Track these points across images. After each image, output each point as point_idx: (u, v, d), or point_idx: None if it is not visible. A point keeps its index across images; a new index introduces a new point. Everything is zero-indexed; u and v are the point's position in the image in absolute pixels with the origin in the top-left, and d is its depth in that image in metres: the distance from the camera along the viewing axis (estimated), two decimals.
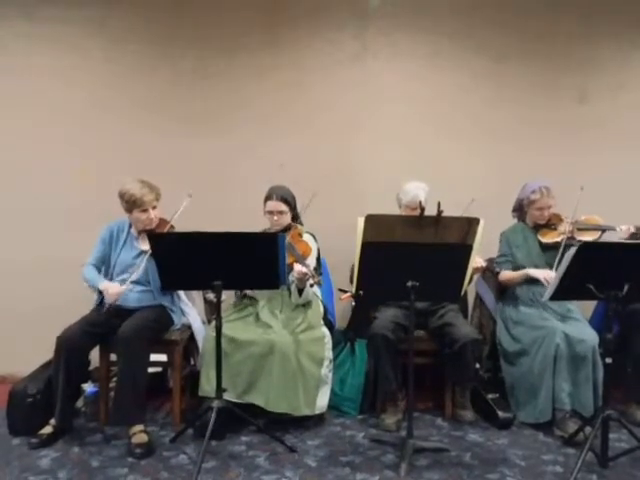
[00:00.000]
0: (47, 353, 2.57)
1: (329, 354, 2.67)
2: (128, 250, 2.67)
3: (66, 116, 3.37)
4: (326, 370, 2.63)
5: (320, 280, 2.46)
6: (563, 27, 3.51)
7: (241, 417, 2.42)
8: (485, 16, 3.48)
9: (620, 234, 2.76)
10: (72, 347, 2.40)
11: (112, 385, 2.64)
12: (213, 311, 2.59)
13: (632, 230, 2.78)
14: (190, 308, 2.78)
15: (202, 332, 2.72)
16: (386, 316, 2.70)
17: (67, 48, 3.39)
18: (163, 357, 2.69)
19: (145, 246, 2.52)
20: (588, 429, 2.34)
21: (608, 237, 2.82)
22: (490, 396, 2.76)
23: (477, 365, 2.85)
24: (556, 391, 2.57)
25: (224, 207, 3.23)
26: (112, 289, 2.50)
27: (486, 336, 2.96)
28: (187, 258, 2.23)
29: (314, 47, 3.46)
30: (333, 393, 2.72)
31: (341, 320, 3.15)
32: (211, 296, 2.74)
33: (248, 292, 2.83)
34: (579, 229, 2.82)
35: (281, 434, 2.49)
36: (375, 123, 3.46)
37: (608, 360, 2.30)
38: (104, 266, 2.69)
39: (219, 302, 2.30)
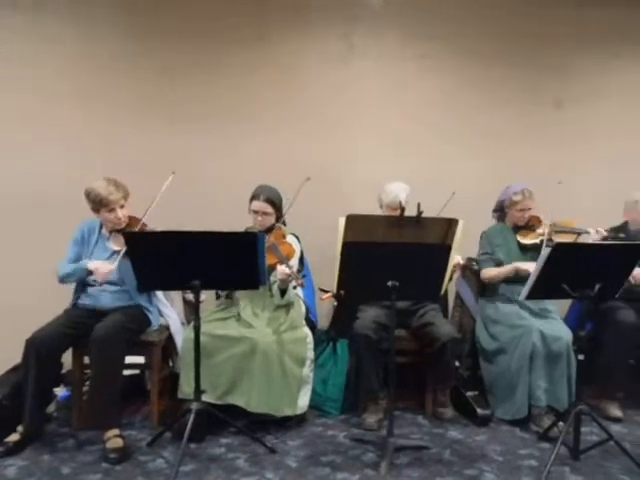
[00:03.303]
0: (14, 356, 2.47)
1: (311, 354, 2.66)
2: (100, 251, 2.60)
3: (44, 111, 3.27)
4: (308, 370, 2.62)
5: (303, 282, 2.45)
6: (544, 35, 3.60)
7: (221, 419, 2.39)
8: (471, 22, 3.55)
9: (594, 236, 2.84)
10: (43, 350, 2.31)
11: (85, 389, 2.57)
12: (193, 311, 2.55)
13: (604, 234, 2.86)
14: (168, 308, 2.73)
15: (181, 333, 2.68)
16: (368, 316, 2.71)
17: (46, 39, 3.29)
18: (140, 359, 2.64)
19: (117, 246, 2.47)
20: (562, 424, 2.40)
21: (582, 240, 2.90)
22: (469, 394, 2.81)
23: (457, 363, 2.89)
24: (532, 388, 2.63)
25: (206, 205, 3.20)
26: (103, 267, 2.44)
27: (466, 335, 3.01)
28: (164, 257, 2.19)
29: (301, 46, 3.45)
30: (315, 393, 2.72)
31: (323, 320, 3.15)
32: (190, 296, 2.70)
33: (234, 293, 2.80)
34: (556, 231, 2.89)
35: (262, 435, 2.48)
36: (360, 123, 3.48)
37: (581, 357, 2.38)
38: None
39: (197, 302, 2.26)
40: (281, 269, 2.52)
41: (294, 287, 2.50)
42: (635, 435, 2.62)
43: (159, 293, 2.71)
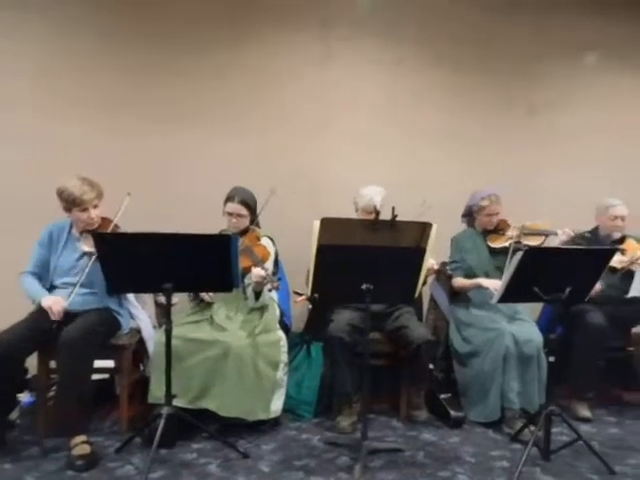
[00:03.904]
0: None
1: (285, 357, 2.64)
2: (69, 252, 2.53)
3: (14, 110, 3.18)
4: (281, 373, 2.60)
5: (278, 285, 2.43)
6: (514, 43, 3.68)
7: (193, 424, 2.35)
8: (446, 28, 3.59)
9: (561, 237, 2.89)
10: (7, 354, 2.22)
11: (51, 394, 2.50)
12: (164, 314, 2.50)
13: (571, 234, 2.92)
14: (140, 311, 2.67)
15: (152, 336, 2.62)
16: (342, 318, 2.71)
17: (20, 38, 3.22)
18: (110, 363, 2.58)
19: (87, 247, 2.40)
20: (533, 426, 2.43)
21: (550, 241, 2.95)
22: (443, 396, 2.83)
23: (431, 366, 2.91)
24: (505, 391, 2.66)
25: (181, 207, 3.16)
26: (56, 305, 2.34)
27: (440, 337, 3.03)
28: (135, 260, 2.14)
29: (277, 49, 3.44)
30: (289, 396, 2.70)
31: (298, 323, 3.14)
32: (162, 299, 2.65)
33: (205, 296, 2.76)
34: (525, 234, 2.93)
35: (234, 440, 2.44)
36: (335, 127, 3.49)
37: (551, 359, 2.43)
38: (44, 271, 2.54)
39: (169, 305, 2.22)
40: (256, 272, 2.49)
41: (269, 290, 2.47)
42: (603, 435, 2.67)
43: (130, 296, 2.65)
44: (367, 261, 2.19)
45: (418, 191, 3.05)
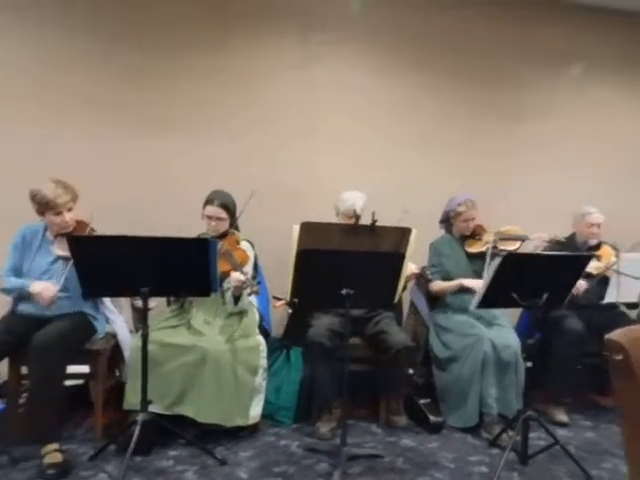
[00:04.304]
0: None
1: (264, 362, 2.62)
2: (43, 255, 2.47)
3: None
4: (260, 379, 2.58)
5: (258, 289, 2.41)
6: (498, 52, 3.74)
7: (169, 430, 2.31)
8: (429, 36, 3.63)
9: (536, 242, 2.93)
10: None
11: (22, 401, 2.43)
12: (141, 319, 2.46)
13: (546, 238, 2.96)
14: (116, 315, 2.62)
15: (128, 341, 2.58)
16: (322, 323, 2.70)
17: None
18: (85, 368, 2.52)
19: (62, 251, 2.35)
20: (511, 430, 2.45)
21: (525, 245, 2.98)
22: (422, 401, 2.83)
23: (411, 371, 2.91)
24: (483, 396, 2.68)
25: (160, 211, 3.12)
26: (46, 291, 2.29)
27: (420, 343, 3.03)
28: (111, 263, 2.11)
29: (259, 53, 3.43)
30: (268, 402, 2.67)
31: (277, 327, 3.11)
32: (139, 303, 2.61)
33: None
34: (501, 239, 2.97)
35: (212, 446, 2.41)
36: (317, 131, 3.49)
37: (529, 364, 2.45)
38: (18, 275, 2.47)
39: (146, 309, 2.19)
40: (235, 276, 2.47)
41: (249, 294, 2.45)
42: (580, 439, 2.70)
43: (106, 300, 2.61)
44: (347, 266, 2.19)
45: (398, 196, 3.08)
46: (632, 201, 3.93)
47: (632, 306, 2.98)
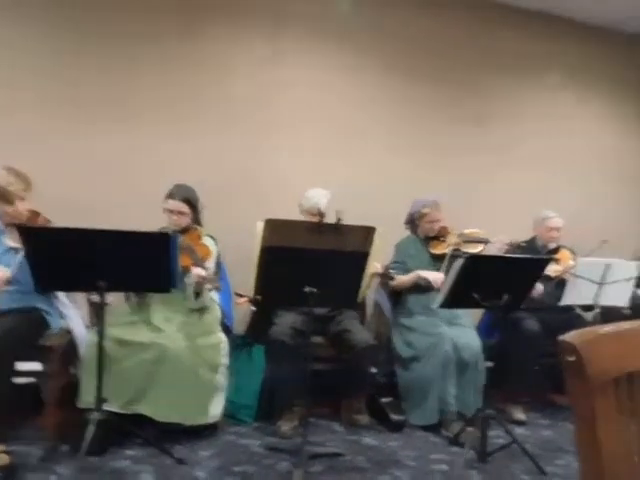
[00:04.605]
0: None
1: (225, 360, 2.58)
2: None
3: None
4: (221, 377, 2.54)
5: (220, 285, 2.37)
6: (465, 58, 3.82)
7: (126, 429, 2.26)
8: (399, 38, 3.67)
9: (497, 244, 2.99)
10: None
11: None
12: (98, 314, 2.38)
13: (507, 241, 3.02)
14: (71, 310, 2.53)
15: (84, 337, 2.49)
16: (285, 322, 2.68)
17: None
18: (37, 365, 2.42)
19: (13, 242, 2.26)
20: (471, 428, 2.49)
21: (487, 248, 3.04)
22: (384, 400, 2.85)
23: (374, 370, 2.92)
24: (444, 394, 2.71)
25: (125, 204, 3.03)
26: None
27: (383, 342, 3.05)
28: (66, 256, 2.03)
29: (228, 47, 3.37)
30: (229, 400, 2.63)
31: (240, 325, 3.07)
32: (96, 298, 2.53)
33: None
34: (465, 241, 3.01)
35: (170, 445, 2.35)
36: (284, 128, 3.46)
37: (488, 364, 2.49)
38: None
39: (103, 305, 2.13)
40: (196, 272, 2.42)
41: (209, 290, 2.41)
42: (537, 437, 2.77)
43: (61, 294, 2.52)
44: (311, 264, 2.18)
45: (365, 195, 3.08)
46: (592, 204, 4.07)
47: (588, 308, 3.07)
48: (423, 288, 2.94)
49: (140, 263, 2.11)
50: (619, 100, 4.27)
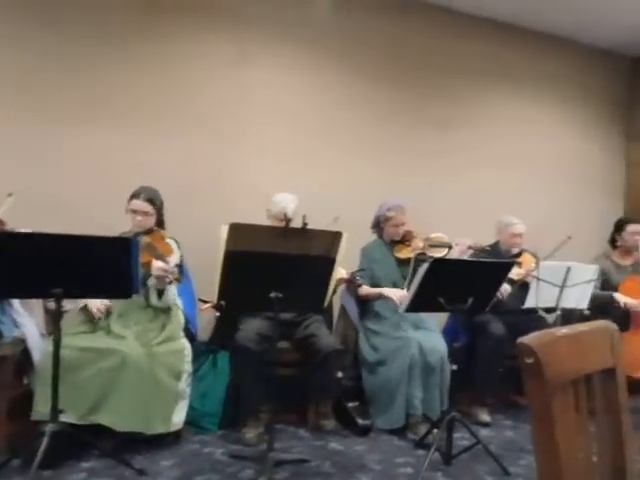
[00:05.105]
0: None
1: (188, 367, 2.52)
2: None
3: None
4: (184, 384, 2.48)
5: (180, 277, 2.30)
6: (435, 61, 3.87)
7: (83, 441, 2.18)
8: (367, 41, 3.68)
9: (460, 247, 3.03)
10: None
11: None
12: (54, 322, 2.29)
13: (469, 243, 3.07)
14: (25, 318, 2.43)
15: (39, 346, 2.40)
16: (250, 327, 2.64)
17: None
18: None
19: None
20: (436, 431, 2.50)
21: (452, 252, 3.08)
22: (350, 404, 2.84)
23: (341, 374, 2.91)
24: (409, 397, 2.72)
25: (92, 210, 2.93)
26: None
27: (349, 346, 3.04)
28: (19, 262, 1.95)
29: (190, 48, 3.30)
30: (192, 408, 2.58)
31: (205, 331, 3.01)
32: (52, 305, 2.43)
33: (94, 310, 2.54)
34: (430, 245, 3.04)
35: (130, 456, 2.28)
36: (249, 131, 3.41)
37: (454, 367, 2.52)
38: None
39: (59, 312, 2.05)
40: (156, 264, 2.36)
41: (169, 283, 2.34)
42: (501, 438, 2.81)
43: (15, 302, 2.42)
44: (276, 269, 2.16)
45: (332, 200, 3.07)
46: (555, 207, 4.19)
47: (550, 310, 3.14)
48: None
49: (99, 268, 2.05)
50: (580, 105, 4.41)
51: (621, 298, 3.32)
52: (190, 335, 2.66)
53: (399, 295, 2.82)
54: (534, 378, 0.94)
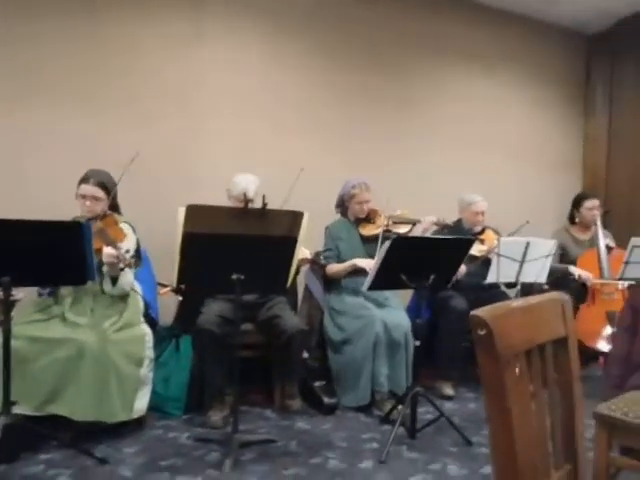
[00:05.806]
0: None
1: (150, 353, 2.47)
2: None
3: None
4: (146, 370, 2.43)
5: (131, 262, 2.21)
6: (395, 41, 3.82)
7: (39, 433, 2.11)
8: (326, 22, 3.60)
9: (425, 225, 3.06)
10: None
11: None
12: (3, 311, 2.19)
13: (434, 220, 3.10)
14: None
15: None
16: (212, 310, 2.60)
17: None
18: None
19: None
20: (401, 406, 2.54)
21: (416, 229, 3.10)
22: (317, 384, 2.85)
23: (306, 355, 2.91)
24: (375, 375, 2.75)
25: (29, 192, 2.81)
26: None
27: (315, 326, 3.04)
28: None
29: (144, 25, 3.15)
30: (156, 394, 2.54)
31: (167, 316, 2.95)
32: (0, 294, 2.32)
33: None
34: (394, 222, 3.05)
35: (92, 445, 2.23)
36: (207, 112, 3.31)
37: (417, 343, 2.55)
38: None
39: (7, 301, 1.96)
40: (107, 251, 2.26)
41: (121, 269, 2.27)
42: (464, 410, 2.88)
43: None
44: (237, 250, 2.12)
45: (291, 180, 3.02)
46: (516, 186, 4.26)
47: (511, 285, 3.21)
48: (356, 270, 2.94)
49: (50, 255, 1.96)
50: (540, 86, 4.45)
51: (576, 271, 3.43)
52: (151, 320, 2.59)
53: (371, 265, 2.83)
54: (486, 350, 0.94)
